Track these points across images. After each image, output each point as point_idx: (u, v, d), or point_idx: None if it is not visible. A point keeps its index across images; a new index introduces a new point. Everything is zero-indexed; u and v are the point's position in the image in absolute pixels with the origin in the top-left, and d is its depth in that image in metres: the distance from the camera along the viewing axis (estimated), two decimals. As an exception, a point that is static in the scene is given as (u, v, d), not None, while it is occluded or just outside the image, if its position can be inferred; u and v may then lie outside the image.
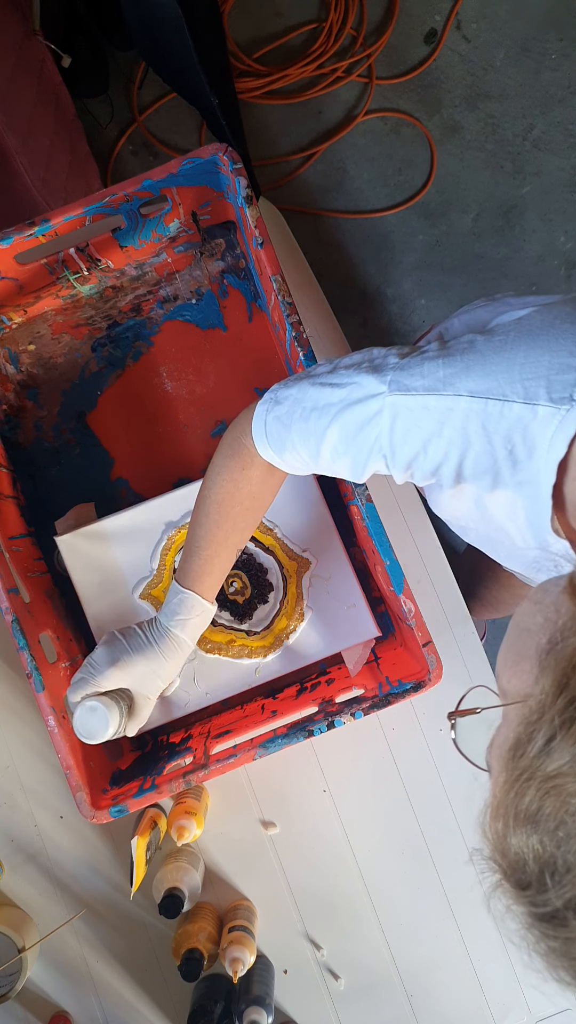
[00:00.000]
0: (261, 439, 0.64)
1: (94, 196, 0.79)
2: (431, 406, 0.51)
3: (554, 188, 1.80)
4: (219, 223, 0.93)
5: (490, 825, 0.38)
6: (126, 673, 0.74)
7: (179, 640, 0.74)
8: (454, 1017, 0.94)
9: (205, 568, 0.72)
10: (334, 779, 0.94)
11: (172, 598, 0.74)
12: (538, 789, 0.34)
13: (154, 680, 0.75)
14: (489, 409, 0.49)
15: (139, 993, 0.94)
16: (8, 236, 0.79)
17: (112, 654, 0.74)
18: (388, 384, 0.54)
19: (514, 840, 0.35)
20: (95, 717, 0.72)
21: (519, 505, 0.53)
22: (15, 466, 0.93)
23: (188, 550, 0.73)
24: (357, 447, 0.57)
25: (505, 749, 0.37)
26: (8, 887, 0.94)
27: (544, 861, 0.34)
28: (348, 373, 0.57)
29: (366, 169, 1.81)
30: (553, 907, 0.34)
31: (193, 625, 0.74)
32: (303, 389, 0.61)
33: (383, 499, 0.96)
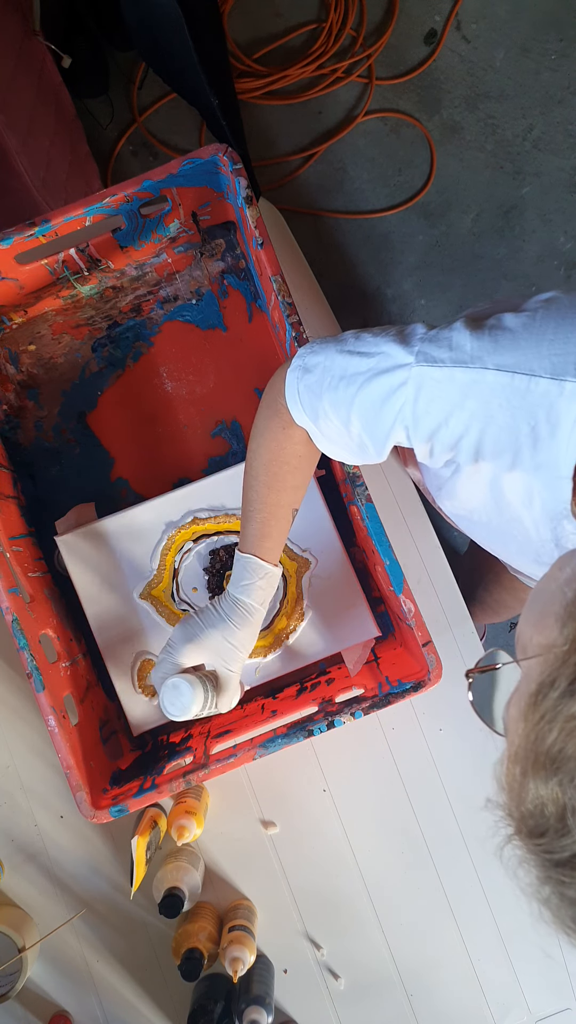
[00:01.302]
0: (296, 408, 0.64)
1: (94, 196, 0.79)
2: (457, 378, 0.51)
3: (554, 188, 1.80)
4: (219, 223, 0.93)
5: (507, 772, 0.37)
6: (202, 648, 0.73)
7: (248, 606, 0.73)
8: (454, 1017, 0.94)
9: (262, 531, 0.72)
10: (334, 779, 0.94)
11: (236, 567, 0.74)
12: (561, 730, 0.34)
13: (231, 651, 0.74)
14: (515, 383, 0.49)
15: (139, 993, 0.94)
16: (8, 236, 0.79)
17: (186, 631, 0.73)
18: (416, 355, 0.54)
19: (533, 784, 0.35)
20: (178, 694, 0.71)
21: (536, 490, 0.53)
22: (15, 466, 0.93)
23: (245, 516, 0.72)
24: (382, 417, 0.57)
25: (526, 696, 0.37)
26: (8, 887, 0.94)
27: (563, 804, 0.34)
28: (376, 341, 0.58)
29: (366, 169, 1.82)
30: (572, 851, 0.34)
31: (259, 588, 0.73)
32: (331, 357, 0.61)
33: (383, 499, 0.96)
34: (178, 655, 0.73)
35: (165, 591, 0.87)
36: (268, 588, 0.74)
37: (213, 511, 0.87)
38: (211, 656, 0.74)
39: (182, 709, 0.71)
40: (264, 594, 0.74)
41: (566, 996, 0.93)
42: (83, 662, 0.88)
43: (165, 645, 0.74)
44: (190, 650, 0.73)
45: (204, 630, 0.73)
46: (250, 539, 0.72)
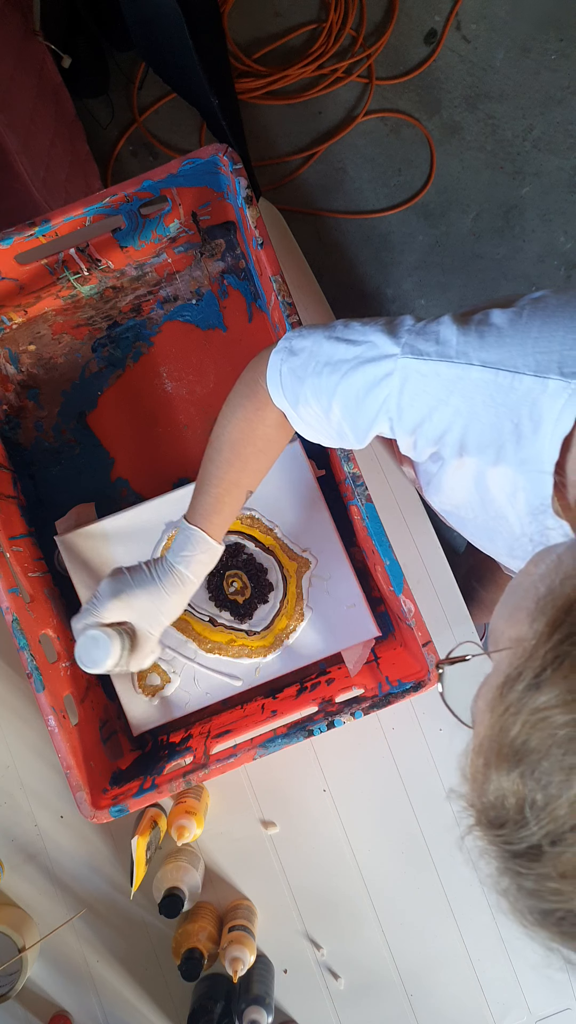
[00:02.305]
0: (276, 390, 0.64)
1: (94, 196, 0.79)
2: (442, 373, 0.52)
3: (554, 188, 1.80)
4: (219, 223, 0.93)
5: (471, 763, 0.38)
6: (129, 607, 0.73)
7: (183, 576, 0.74)
8: (454, 1017, 0.94)
9: (214, 507, 0.72)
10: (334, 779, 0.94)
11: (179, 536, 0.74)
12: (524, 722, 0.35)
13: (156, 616, 0.74)
14: (499, 380, 0.49)
15: (139, 993, 0.94)
16: (8, 236, 0.79)
17: (116, 587, 0.73)
18: (402, 347, 0.54)
19: (495, 776, 0.35)
20: (96, 646, 0.72)
21: (520, 486, 0.53)
22: (15, 466, 0.93)
23: (198, 488, 0.72)
24: (365, 406, 0.57)
25: (493, 688, 0.37)
26: (8, 887, 0.94)
27: (523, 796, 0.34)
28: (364, 331, 0.58)
29: (366, 169, 1.82)
30: (529, 843, 0.34)
31: (198, 562, 0.73)
32: (318, 342, 0.61)
33: (383, 499, 0.96)
34: (103, 609, 0.73)
35: (165, 591, 0.87)
36: (207, 563, 0.74)
37: (213, 511, 0.87)
38: (135, 616, 0.74)
39: (94, 662, 0.72)
40: (202, 568, 0.74)
41: (566, 996, 0.93)
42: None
43: (92, 596, 0.74)
44: (115, 606, 0.73)
45: (133, 590, 0.73)
46: (200, 512, 0.72)
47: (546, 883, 0.34)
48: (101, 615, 0.73)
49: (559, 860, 0.33)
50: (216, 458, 0.70)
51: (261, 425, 0.68)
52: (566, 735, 0.33)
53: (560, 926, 0.35)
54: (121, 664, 0.74)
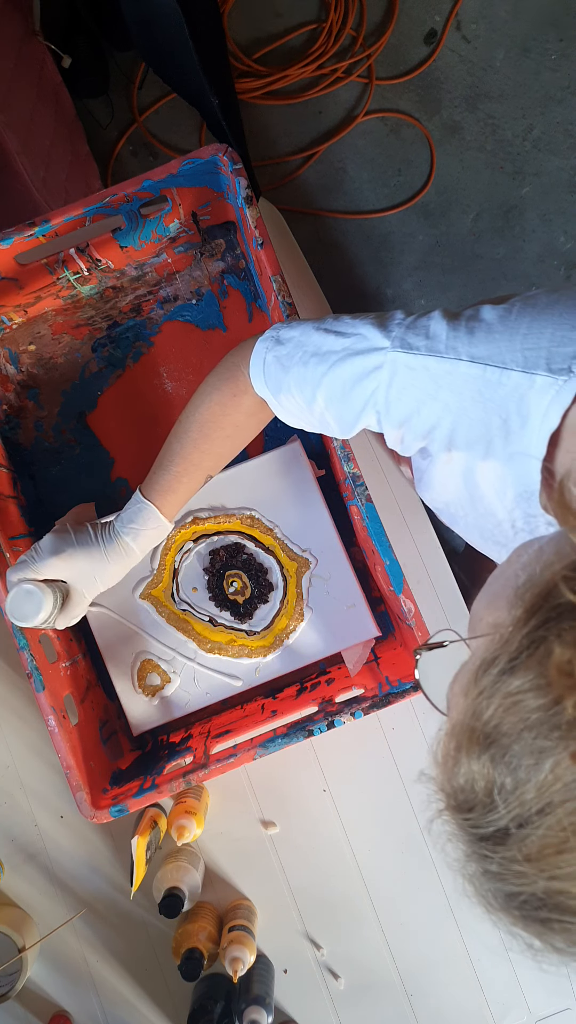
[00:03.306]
0: (258, 377, 0.64)
1: (94, 196, 0.79)
2: (431, 367, 0.52)
3: (554, 188, 1.80)
4: (219, 223, 0.93)
5: (443, 747, 0.38)
6: (67, 566, 0.73)
7: (127, 548, 0.74)
8: (454, 1017, 0.94)
9: (171, 485, 0.72)
10: (334, 779, 0.94)
11: (130, 507, 0.74)
12: (498, 706, 0.35)
13: (93, 580, 0.74)
14: (488, 376, 0.49)
15: (139, 993, 0.94)
16: (8, 236, 0.79)
17: (57, 544, 0.73)
18: (392, 340, 0.54)
19: (465, 760, 0.36)
20: (29, 600, 0.71)
21: (508, 482, 0.53)
22: (15, 466, 0.93)
23: (159, 463, 0.72)
24: (352, 399, 0.57)
25: (469, 673, 0.37)
26: (8, 887, 0.94)
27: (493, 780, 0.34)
28: (354, 323, 0.58)
29: (366, 169, 1.82)
30: (496, 826, 0.34)
31: (145, 537, 0.73)
32: (307, 333, 0.61)
33: (383, 499, 0.96)
34: (41, 564, 0.72)
35: (165, 591, 0.87)
36: (154, 539, 0.74)
37: (213, 511, 0.87)
38: (72, 576, 0.73)
39: (24, 616, 0.71)
40: (148, 543, 0.74)
41: (566, 996, 0.93)
42: (83, 662, 0.88)
43: (31, 549, 0.74)
44: (54, 564, 0.72)
45: (76, 552, 0.73)
46: (156, 487, 0.72)
47: (511, 866, 0.34)
48: (39, 570, 0.72)
49: (524, 843, 0.33)
50: (183, 437, 0.70)
51: (235, 411, 0.68)
52: (538, 719, 0.33)
53: (523, 909, 0.35)
54: (49, 621, 0.74)
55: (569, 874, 0.33)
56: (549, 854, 0.33)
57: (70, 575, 0.73)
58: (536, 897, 0.34)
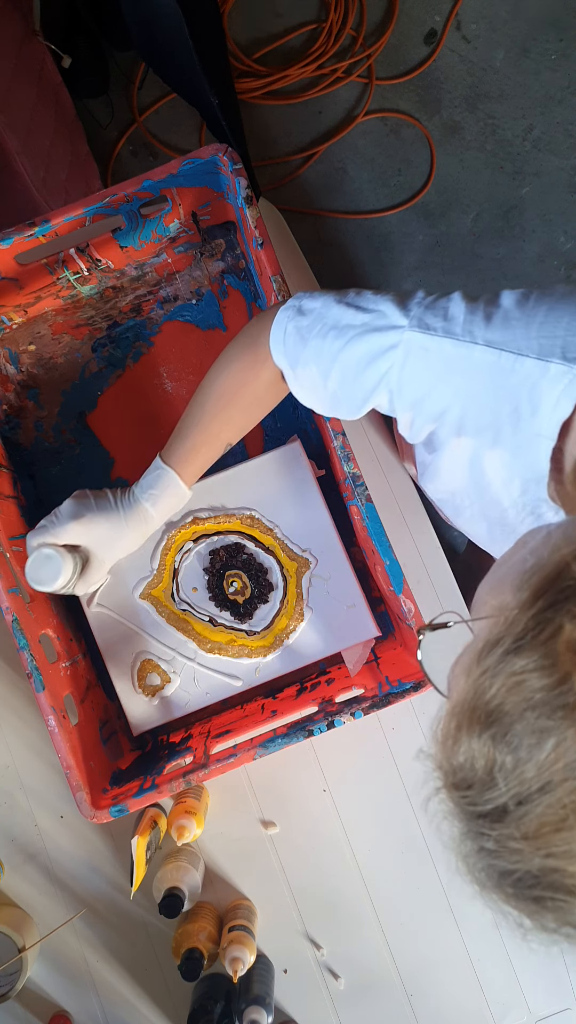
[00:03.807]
0: (278, 347, 0.64)
1: (94, 196, 0.79)
2: (446, 350, 0.52)
3: (554, 188, 1.80)
4: (219, 223, 0.93)
5: (443, 726, 0.38)
6: (87, 531, 0.72)
7: (147, 514, 0.73)
8: (454, 1017, 0.94)
9: (190, 454, 0.72)
10: (334, 779, 0.94)
11: (150, 473, 0.73)
12: (501, 685, 0.35)
13: (112, 546, 0.74)
14: (502, 362, 0.49)
15: (139, 993, 0.94)
16: (8, 236, 0.79)
17: (77, 509, 0.73)
18: (410, 319, 0.54)
19: (466, 738, 0.36)
20: (49, 565, 0.71)
21: (515, 472, 0.53)
22: (15, 466, 0.93)
23: (178, 431, 0.72)
24: (367, 376, 0.57)
25: (472, 653, 0.38)
26: (8, 887, 0.94)
27: (493, 758, 0.35)
28: (376, 299, 0.58)
29: (366, 169, 1.82)
30: (495, 804, 0.34)
31: (164, 504, 0.73)
32: (328, 305, 0.60)
33: (383, 499, 0.96)
34: (61, 529, 0.72)
35: (165, 591, 0.87)
36: (173, 506, 0.74)
37: (213, 511, 0.87)
38: (91, 541, 0.73)
39: (42, 581, 0.71)
40: (167, 510, 0.74)
41: (566, 996, 0.93)
42: (83, 662, 0.88)
43: (51, 514, 0.74)
44: (74, 528, 0.72)
45: (96, 516, 0.72)
46: (176, 454, 0.72)
47: (508, 843, 0.34)
48: (58, 535, 0.72)
49: (523, 821, 0.34)
50: (202, 406, 0.70)
51: (254, 381, 0.68)
52: (541, 699, 0.33)
53: (517, 887, 0.35)
54: (68, 587, 0.74)
55: (565, 852, 0.33)
56: (547, 832, 0.33)
57: (89, 540, 0.73)
58: (531, 875, 0.34)
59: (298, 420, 0.95)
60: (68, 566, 0.72)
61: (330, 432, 0.79)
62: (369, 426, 0.98)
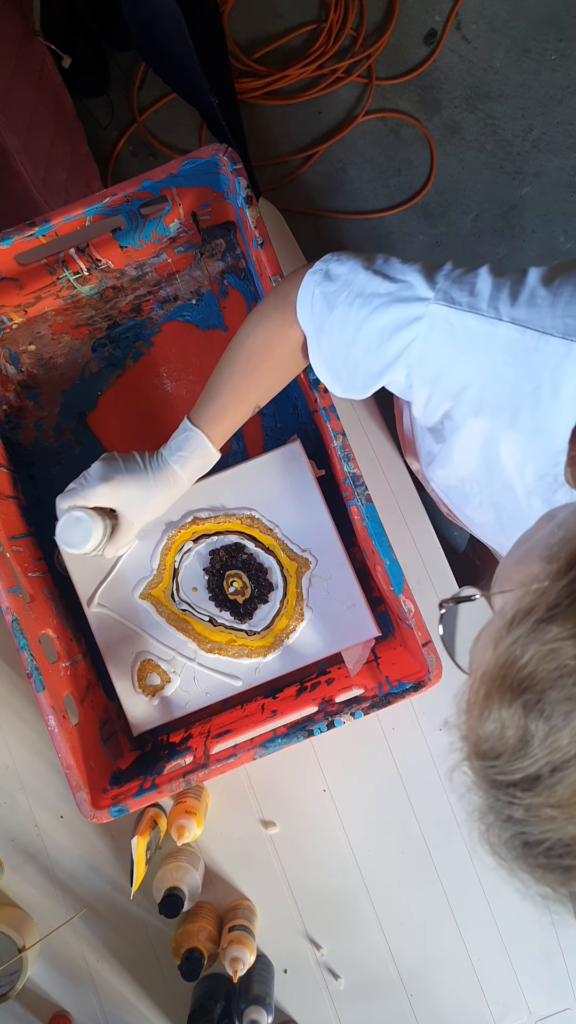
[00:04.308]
0: (305, 311, 0.63)
1: (94, 196, 0.79)
2: (470, 325, 0.52)
3: (554, 188, 1.80)
4: (219, 223, 0.93)
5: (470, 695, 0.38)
6: (116, 493, 0.72)
7: (176, 476, 0.73)
8: (454, 1017, 0.94)
9: (219, 414, 0.71)
10: (334, 779, 0.94)
11: (179, 435, 0.73)
12: (535, 653, 0.35)
13: (141, 508, 0.73)
14: (526, 340, 0.49)
15: (139, 993, 0.94)
16: (8, 236, 0.79)
17: (106, 471, 0.72)
18: (436, 291, 0.54)
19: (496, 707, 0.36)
20: (79, 528, 0.71)
21: (530, 456, 0.53)
22: (15, 466, 0.93)
23: (207, 392, 0.71)
24: (387, 347, 0.57)
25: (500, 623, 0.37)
26: (8, 887, 0.94)
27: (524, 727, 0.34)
28: (403, 269, 0.57)
29: (366, 169, 1.82)
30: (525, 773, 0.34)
31: (193, 466, 0.73)
32: (355, 271, 0.60)
33: (383, 499, 0.96)
34: (91, 491, 0.71)
35: (165, 591, 0.87)
36: (201, 468, 0.74)
37: (213, 511, 0.87)
38: (121, 503, 0.73)
39: (73, 543, 0.71)
40: (195, 472, 0.74)
41: (566, 996, 0.93)
42: (83, 662, 0.88)
43: (80, 476, 0.73)
44: (103, 490, 0.71)
45: (124, 477, 0.72)
46: (205, 416, 0.71)
47: (539, 812, 0.34)
48: (88, 497, 0.72)
49: (556, 789, 0.34)
50: (231, 367, 0.70)
51: (282, 343, 0.67)
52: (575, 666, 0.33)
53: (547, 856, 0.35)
54: (98, 549, 0.73)
55: None
56: None
57: (118, 502, 0.73)
58: (562, 843, 0.34)
59: (298, 420, 0.95)
60: (98, 528, 0.71)
61: (330, 432, 0.79)
62: (369, 426, 0.98)
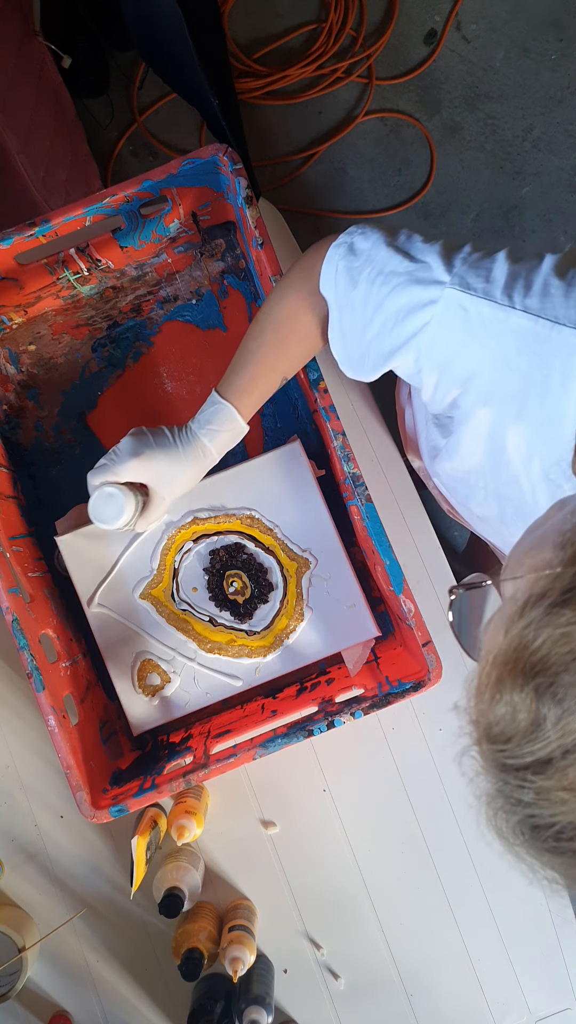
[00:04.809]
0: (329, 285, 0.63)
1: (94, 196, 0.79)
2: (484, 312, 0.52)
3: (554, 188, 1.80)
4: (219, 223, 0.93)
5: (480, 679, 0.38)
6: (146, 468, 0.72)
7: (205, 449, 0.72)
8: (454, 1017, 0.94)
9: (248, 386, 0.71)
10: (334, 779, 0.94)
11: (207, 408, 0.72)
12: (548, 637, 0.35)
13: (172, 482, 0.73)
14: (538, 329, 0.49)
15: (139, 993, 0.94)
16: (8, 236, 0.79)
17: (136, 446, 0.72)
18: (452, 276, 0.54)
19: (508, 691, 0.36)
20: (111, 503, 0.71)
21: (537, 448, 0.53)
22: (15, 466, 0.93)
23: (235, 364, 0.71)
24: (401, 328, 0.57)
25: (513, 609, 0.37)
26: (8, 887, 0.94)
27: (536, 710, 0.34)
28: (423, 248, 0.57)
29: (366, 170, 1.82)
30: (536, 756, 0.34)
31: (222, 439, 0.72)
32: (378, 247, 0.60)
33: (383, 499, 0.96)
34: (121, 466, 0.71)
35: (165, 591, 0.87)
36: (230, 441, 0.74)
37: (213, 511, 0.87)
38: (151, 478, 0.73)
39: (106, 519, 0.72)
40: (224, 446, 0.74)
41: (566, 996, 0.93)
42: (83, 662, 0.88)
43: (110, 451, 0.73)
44: (134, 465, 0.71)
45: (154, 452, 0.72)
46: (234, 388, 0.71)
47: (550, 795, 0.34)
48: (118, 472, 0.72)
49: (568, 771, 0.34)
50: (258, 338, 0.69)
51: (308, 313, 0.67)
52: None
53: (558, 840, 0.35)
54: (130, 524, 0.74)
55: None
56: None
57: (149, 477, 0.73)
58: (573, 826, 0.34)
59: (298, 420, 0.95)
60: (130, 503, 0.72)
61: (330, 432, 0.79)
62: (369, 426, 0.98)
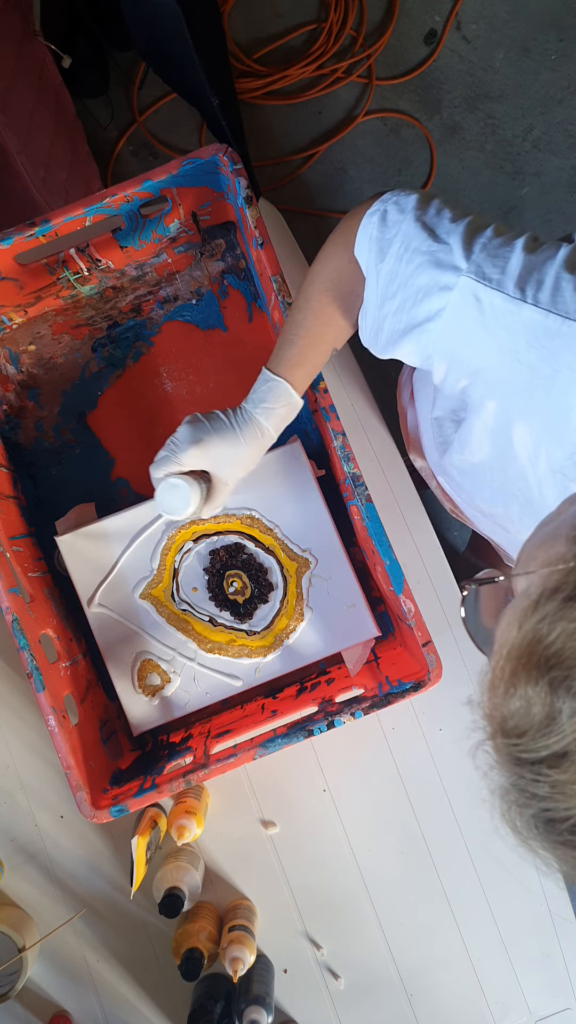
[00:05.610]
0: (362, 253, 0.63)
1: (94, 196, 0.79)
2: (496, 304, 0.51)
3: (554, 188, 1.80)
4: (219, 223, 0.93)
5: (494, 673, 0.38)
6: (205, 454, 0.71)
7: (262, 428, 0.71)
8: (454, 1017, 0.94)
9: (299, 359, 0.70)
10: (334, 779, 0.94)
11: (260, 386, 0.71)
12: (562, 631, 0.35)
13: (232, 465, 0.72)
14: (549, 323, 0.49)
15: (139, 993, 0.94)
16: (8, 236, 0.79)
17: (194, 433, 0.71)
18: (470, 263, 0.53)
19: (522, 685, 0.36)
20: (177, 494, 0.71)
21: (543, 444, 0.53)
22: (15, 466, 0.93)
23: (283, 339, 0.70)
24: (418, 310, 0.57)
25: (526, 603, 0.37)
26: (8, 887, 0.94)
27: (551, 704, 0.34)
28: (450, 228, 0.57)
29: (366, 170, 1.82)
30: (552, 750, 0.34)
31: (278, 416, 0.71)
32: (408, 220, 0.59)
33: (383, 499, 0.96)
34: (182, 455, 0.71)
35: (165, 591, 0.87)
36: (286, 417, 0.72)
37: (213, 511, 0.87)
38: (211, 464, 0.72)
39: (173, 510, 0.71)
40: (281, 423, 0.72)
41: (566, 996, 0.93)
42: (83, 662, 0.88)
43: (168, 442, 0.72)
44: (193, 453, 0.71)
45: (212, 437, 0.71)
46: (285, 362, 0.70)
47: (565, 788, 0.34)
48: (181, 461, 0.71)
49: None
50: (304, 308, 0.69)
51: (351, 278, 0.66)
52: None
53: (572, 833, 0.35)
54: (196, 512, 0.74)
55: None
56: None
57: (209, 463, 0.72)
58: None
59: (298, 420, 0.94)
60: (196, 492, 0.72)
61: (330, 432, 0.79)
62: (369, 426, 0.98)
